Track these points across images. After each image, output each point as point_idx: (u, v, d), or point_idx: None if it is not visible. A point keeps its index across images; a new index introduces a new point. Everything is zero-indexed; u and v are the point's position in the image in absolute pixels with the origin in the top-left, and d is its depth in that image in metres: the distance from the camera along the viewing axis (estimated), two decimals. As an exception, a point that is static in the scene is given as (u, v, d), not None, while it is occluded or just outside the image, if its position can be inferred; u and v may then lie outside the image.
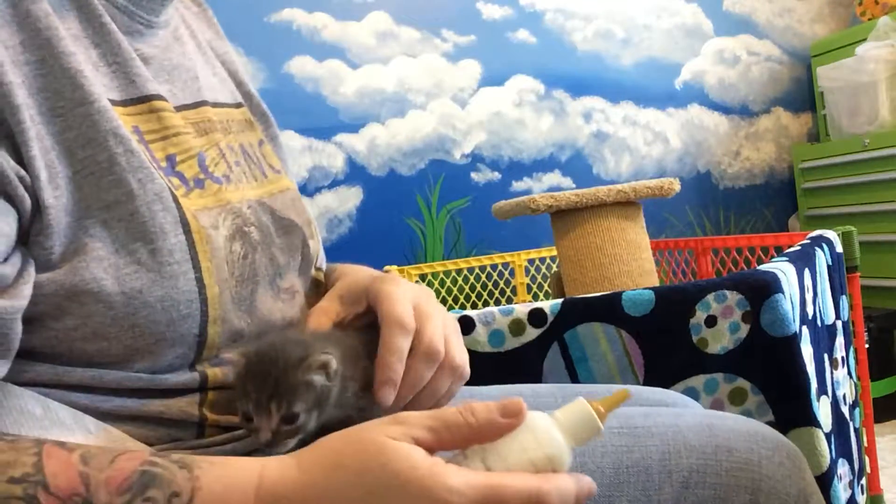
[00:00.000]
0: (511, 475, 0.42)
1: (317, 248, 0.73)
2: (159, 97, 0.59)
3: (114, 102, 0.55)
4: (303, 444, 0.49)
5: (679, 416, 0.61)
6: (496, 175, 2.49)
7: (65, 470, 0.43)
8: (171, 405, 0.55)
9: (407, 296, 0.60)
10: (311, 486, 0.43)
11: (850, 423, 1.25)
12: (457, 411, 0.44)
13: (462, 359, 0.61)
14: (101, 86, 0.54)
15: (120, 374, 0.53)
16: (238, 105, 0.73)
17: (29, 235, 0.51)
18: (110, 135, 0.52)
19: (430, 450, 0.44)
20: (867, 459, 1.38)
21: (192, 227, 0.55)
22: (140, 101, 0.57)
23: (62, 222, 0.51)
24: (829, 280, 1.25)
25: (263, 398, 0.52)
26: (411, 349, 0.58)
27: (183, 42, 0.67)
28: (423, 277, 2.20)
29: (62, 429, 0.51)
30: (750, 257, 1.80)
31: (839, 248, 1.34)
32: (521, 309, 1.05)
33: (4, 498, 0.42)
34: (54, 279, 0.51)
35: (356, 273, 0.73)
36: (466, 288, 2.30)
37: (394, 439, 0.43)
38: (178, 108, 0.62)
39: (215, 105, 0.67)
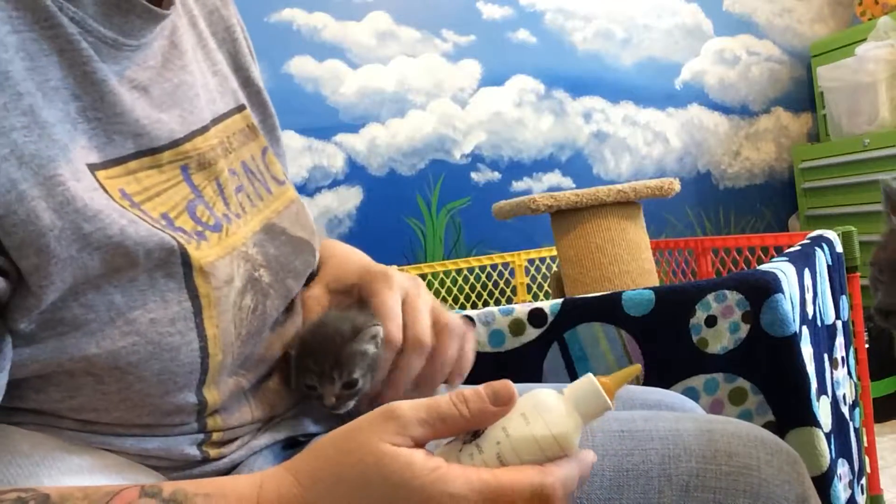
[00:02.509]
0: (514, 472, 0.42)
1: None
2: (133, 156, 0.52)
3: (93, 166, 0.49)
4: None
5: (679, 419, 0.61)
6: (496, 175, 2.49)
7: None
8: (172, 449, 0.53)
9: (398, 301, 0.63)
10: (313, 503, 0.43)
11: (850, 423, 1.25)
12: (449, 402, 0.44)
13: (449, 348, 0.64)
14: (79, 148, 0.48)
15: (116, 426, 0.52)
16: (240, 108, 0.67)
17: (8, 311, 0.45)
18: (114, 209, 0.47)
19: (427, 442, 0.44)
20: (867, 459, 1.38)
21: (200, 292, 0.51)
22: (117, 162, 0.51)
23: (49, 299, 0.45)
24: (829, 280, 1.25)
25: (326, 368, 0.59)
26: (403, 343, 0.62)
27: (181, 47, 0.60)
28: (423, 277, 2.20)
29: (53, 462, 0.49)
30: (750, 257, 1.80)
31: (839, 248, 1.34)
32: (521, 309, 1.05)
33: None
34: (37, 357, 0.46)
35: (343, 257, 0.72)
36: (466, 288, 2.30)
37: (392, 444, 0.42)
38: (186, 138, 0.57)
39: (216, 121, 0.62)
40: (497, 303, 2.30)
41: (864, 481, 1.29)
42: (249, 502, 0.43)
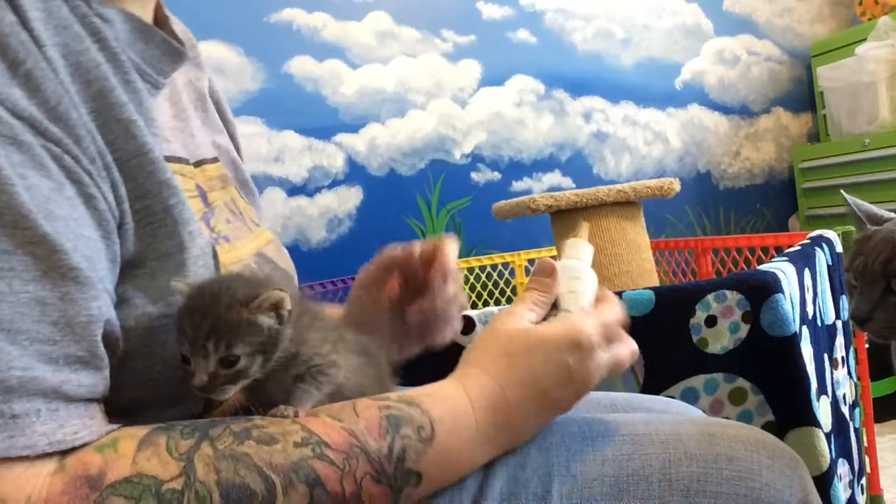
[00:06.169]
0: (605, 309, 0.61)
1: None
2: (175, 159, 0.58)
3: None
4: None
5: (680, 423, 0.60)
6: (496, 175, 2.49)
7: (330, 430, 0.48)
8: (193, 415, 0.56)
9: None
10: (504, 383, 0.55)
11: (850, 423, 1.25)
12: (532, 291, 0.61)
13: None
14: (150, 135, 0.53)
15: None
16: (214, 159, 0.71)
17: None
18: (164, 185, 0.51)
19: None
20: (867, 459, 1.38)
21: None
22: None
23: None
24: (829, 280, 1.25)
25: (200, 337, 0.46)
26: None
27: (180, 100, 0.66)
28: (423, 277, 2.20)
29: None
30: (750, 257, 1.80)
31: (839, 248, 1.34)
32: (521, 309, 1.05)
33: (300, 459, 0.45)
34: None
35: None
36: (466, 288, 2.30)
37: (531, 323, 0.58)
38: (198, 163, 0.63)
39: (205, 162, 0.68)
40: (497, 303, 2.30)
41: (864, 481, 1.29)
42: (461, 397, 0.54)
